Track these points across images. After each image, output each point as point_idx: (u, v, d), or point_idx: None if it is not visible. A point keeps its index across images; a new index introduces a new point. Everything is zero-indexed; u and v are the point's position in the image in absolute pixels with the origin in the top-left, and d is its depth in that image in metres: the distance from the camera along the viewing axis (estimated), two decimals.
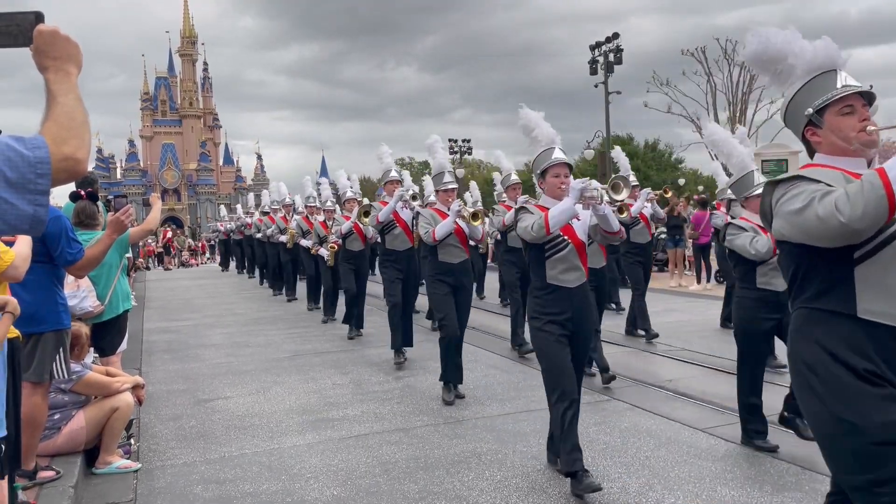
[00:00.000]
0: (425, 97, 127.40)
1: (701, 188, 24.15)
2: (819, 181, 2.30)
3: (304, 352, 9.26)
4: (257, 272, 20.08)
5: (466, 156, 47.43)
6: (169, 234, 37.48)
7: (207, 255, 39.53)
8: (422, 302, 9.91)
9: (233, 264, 25.29)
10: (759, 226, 4.79)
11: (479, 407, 6.25)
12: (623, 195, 4.53)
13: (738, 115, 33.87)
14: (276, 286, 16.47)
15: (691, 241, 14.96)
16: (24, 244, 3.63)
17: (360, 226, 9.77)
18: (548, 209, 4.30)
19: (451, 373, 6.51)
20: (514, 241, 8.44)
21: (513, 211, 8.20)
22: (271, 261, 16.37)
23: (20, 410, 3.85)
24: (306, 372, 7.98)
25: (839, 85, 2.45)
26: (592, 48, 30.51)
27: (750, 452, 4.87)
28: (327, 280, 11.83)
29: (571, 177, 4.46)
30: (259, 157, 73.27)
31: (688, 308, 12.09)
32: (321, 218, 12.23)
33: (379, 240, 9.33)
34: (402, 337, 8.15)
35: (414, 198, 8.69)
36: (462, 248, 6.73)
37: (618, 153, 9.63)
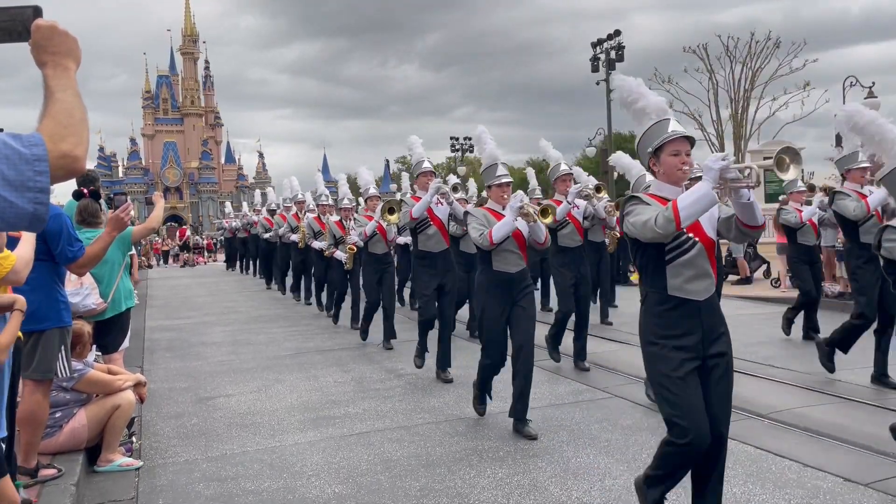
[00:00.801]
0: (427, 95, 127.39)
1: None
2: None
3: (305, 349, 9.27)
4: (257, 271, 19.80)
5: (468, 154, 47.40)
6: (188, 233, 37.41)
7: (210, 253, 39.29)
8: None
9: (238, 264, 24.50)
10: None
11: None
12: (791, 175, 3.31)
13: (739, 112, 33.79)
14: (282, 287, 16.04)
15: None
16: (26, 246, 3.61)
17: (384, 225, 8.87)
18: (664, 198, 3.36)
19: (517, 406, 5.48)
20: (565, 241, 7.57)
21: (580, 207, 7.64)
22: (281, 262, 15.76)
23: (15, 409, 3.85)
24: (308, 370, 7.98)
25: None
26: (594, 45, 30.47)
27: (751, 449, 4.86)
28: (341, 284, 11.03)
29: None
30: (261, 156, 73.26)
31: None
32: (335, 217, 11.31)
33: (407, 241, 8.98)
34: (425, 355, 7.54)
35: (455, 189, 7.72)
36: (520, 253, 5.54)
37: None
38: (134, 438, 5.40)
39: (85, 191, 5.53)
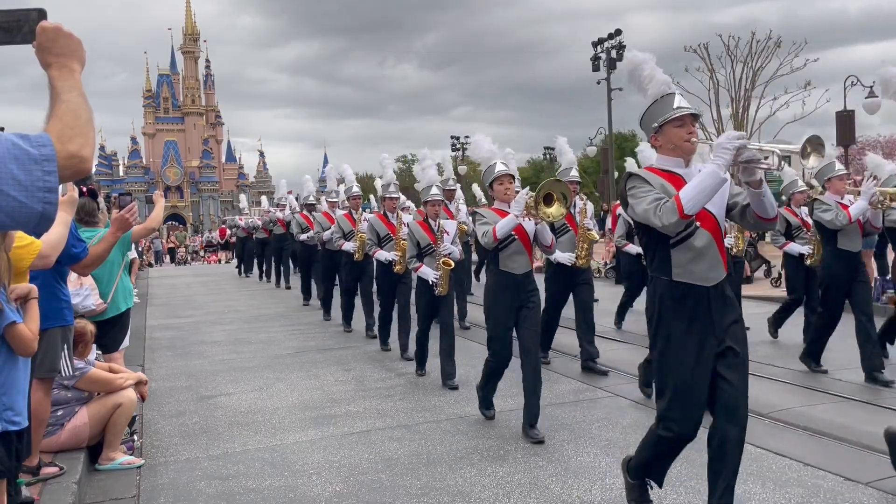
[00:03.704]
0: (426, 94, 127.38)
1: None
2: None
3: (306, 348, 9.28)
4: (277, 279, 17.48)
5: (468, 154, 47.42)
6: (228, 233, 37.11)
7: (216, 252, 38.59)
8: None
9: (255, 270, 20.39)
10: None
11: None
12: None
13: (740, 111, 33.78)
14: (326, 311, 11.78)
15: None
16: (57, 228, 3.50)
17: (528, 226, 5.27)
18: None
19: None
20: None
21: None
22: (323, 274, 11.62)
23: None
24: (308, 368, 7.99)
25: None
26: (594, 45, 30.48)
27: (752, 448, 4.86)
28: (426, 317, 7.20)
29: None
30: (261, 155, 73.34)
31: None
32: (411, 216, 8.22)
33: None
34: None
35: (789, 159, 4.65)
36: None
37: None
38: (135, 437, 5.41)
39: (84, 189, 5.53)
